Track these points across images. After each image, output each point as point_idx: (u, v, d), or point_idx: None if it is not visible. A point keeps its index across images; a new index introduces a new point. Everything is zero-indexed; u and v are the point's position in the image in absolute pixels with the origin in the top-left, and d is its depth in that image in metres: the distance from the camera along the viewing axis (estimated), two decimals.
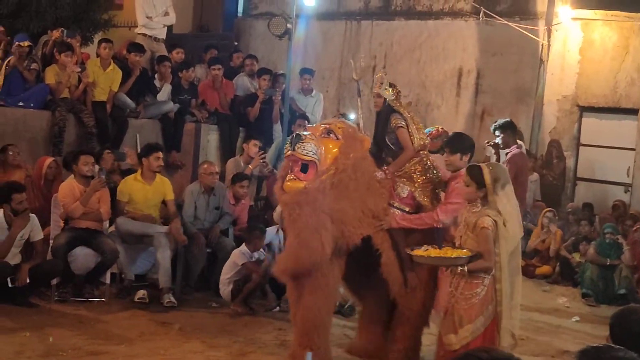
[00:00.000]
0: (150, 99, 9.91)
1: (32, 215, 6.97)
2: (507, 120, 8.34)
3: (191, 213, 7.89)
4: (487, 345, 4.57)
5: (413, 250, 5.04)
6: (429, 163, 5.78)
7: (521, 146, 8.52)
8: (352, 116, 7.65)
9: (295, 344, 5.52)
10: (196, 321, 6.83)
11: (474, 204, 4.91)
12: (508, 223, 4.84)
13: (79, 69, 9.08)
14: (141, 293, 7.26)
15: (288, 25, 9.77)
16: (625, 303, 7.77)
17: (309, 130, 5.45)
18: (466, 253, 4.79)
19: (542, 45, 11.89)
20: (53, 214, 7.42)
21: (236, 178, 8.36)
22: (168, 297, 7.17)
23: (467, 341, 4.77)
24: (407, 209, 5.63)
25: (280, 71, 11.13)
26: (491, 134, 8.47)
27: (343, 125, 5.52)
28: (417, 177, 5.68)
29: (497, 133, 8.11)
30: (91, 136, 8.94)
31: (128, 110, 9.60)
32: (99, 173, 7.37)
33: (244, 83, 11.01)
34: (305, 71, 11.03)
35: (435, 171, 5.75)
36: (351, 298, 6.54)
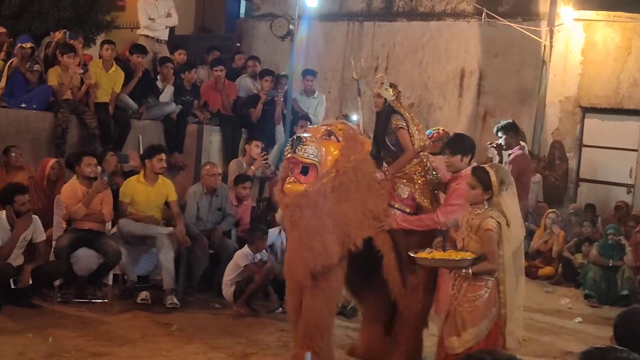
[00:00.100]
0: (152, 100, 9.91)
1: (35, 216, 6.97)
2: (510, 121, 8.36)
3: (193, 214, 7.90)
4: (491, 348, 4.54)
5: (417, 253, 4.98)
6: (429, 164, 5.76)
7: (524, 147, 8.51)
8: (355, 117, 7.63)
9: (297, 346, 5.51)
10: (198, 322, 6.83)
11: (477, 206, 4.86)
12: (512, 224, 4.82)
13: (82, 71, 9.08)
14: (144, 294, 7.26)
15: (290, 26, 9.79)
16: (627, 304, 7.76)
17: (310, 131, 5.42)
18: (470, 255, 4.74)
19: (545, 46, 11.89)
20: (56, 215, 7.42)
21: (239, 179, 8.36)
22: (171, 299, 7.17)
23: (470, 345, 4.70)
24: (408, 210, 5.62)
25: (282, 72, 11.14)
26: (493, 135, 8.48)
27: (344, 126, 5.48)
28: (418, 179, 5.67)
29: (500, 134, 8.12)
30: (94, 137, 8.94)
31: (130, 111, 9.60)
32: (102, 174, 7.39)
33: (247, 84, 11.00)
34: (307, 72, 11.03)
35: (434, 172, 5.73)
36: (352, 300, 6.53)
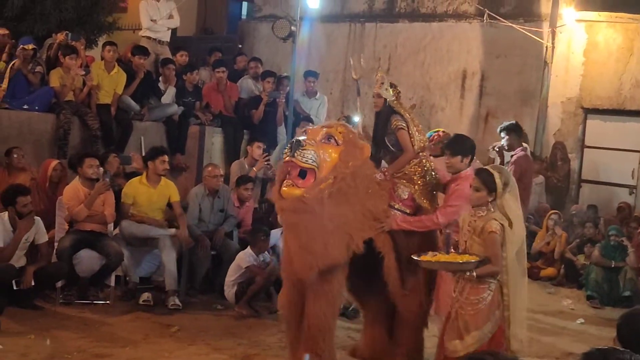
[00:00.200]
0: (154, 102, 9.92)
1: (37, 217, 6.97)
2: (513, 122, 8.33)
3: (196, 215, 7.90)
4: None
5: (420, 256, 4.94)
6: (428, 165, 5.74)
7: (526, 149, 8.50)
8: (357, 118, 7.61)
9: (291, 345, 5.55)
10: (200, 323, 6.83)
11: (479, 208, 4.82)
12: (514, 225, 4.81)
13: (84, 72, 9.09)
14: (146, 295, 7.27)
15: (292, 27, 9.80)
16: (629, 305, 7.78)
17: (309, 133, 5.34)
18: (474, 258, 4.70)
19: (546, 47, 11.88)
20: (58, 217, 7.43)
21: (240, 180, 8.36)
22: (173, 300, 7.17)
23: (474, 348, 4.65)
24: (408, 211, 5.60)
25: (284, 73, 11.15)
26: (495, 136, 8.47)
27: (344, 129, 5.42)
28: (417, 179, 5.65)
29: (503, 135, 8.10)
30: (96, 139, 8.95)
31: (132, 112, 9.61)
32: (104, 176, 7.39)
33: (248, 85, 11.01)
34: (309, 73, 11.03)
35: (433, 173, 5.71)
36: (353, 302, 6.52)
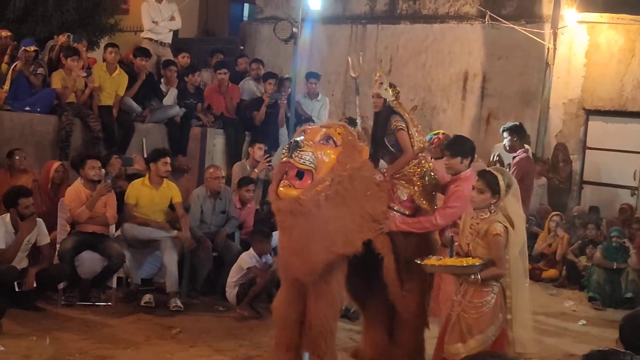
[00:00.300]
0: (156, 104, 9.93)
1: (39, 219, 6.98)
2: (517, 124, 8.30)
3: (197, 217, 7.90)
4: None
5: (423, 260, 4.91)
6: (427, 166, 5.71)
7: (527, 150, 8.50)
8: (359, 120, 7.60)
9: (277, 344, 5.57)
10: (202, 325, 6.84)
11: (481, 210, 4.79)
12: (516, 226, 4.80)
13: (85, 74, 9.10)
14: (147, 297, 7.27)
15: (294, 29, 9.80)
16: (631, 307, 7.76)
17: (308, 133, 5.29)
18: (478, 261, 4.67)
19: (548, 48, 11.87)
20: (60, 218, 7.43)
21: (242, 182, 8.37)
22: (174, 301, 7.17)
23: (476, 352, 4.63)
24: (407, 212, 5.58)
25: (286, 75, 11.16)
26: (497, 138, 8.47)
27: (343, 130, 5.38)
28: (417, 180, 5.62)
29: (505, 135, 8.09)
30: (97, 140, 8.96)
31: (134, 114, 9.62)
32: (105, 177, 7.39)
33: (250, 87, 11.02)
34: (311, 75, 11.03)
35: (432, 174, 5.68)
36: (353, 303, 6.51)
